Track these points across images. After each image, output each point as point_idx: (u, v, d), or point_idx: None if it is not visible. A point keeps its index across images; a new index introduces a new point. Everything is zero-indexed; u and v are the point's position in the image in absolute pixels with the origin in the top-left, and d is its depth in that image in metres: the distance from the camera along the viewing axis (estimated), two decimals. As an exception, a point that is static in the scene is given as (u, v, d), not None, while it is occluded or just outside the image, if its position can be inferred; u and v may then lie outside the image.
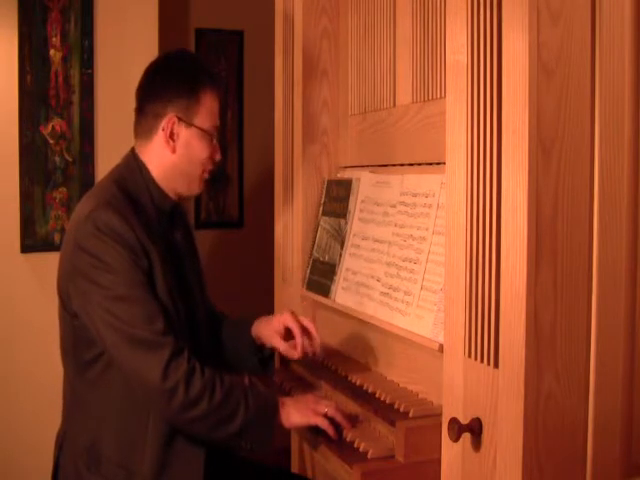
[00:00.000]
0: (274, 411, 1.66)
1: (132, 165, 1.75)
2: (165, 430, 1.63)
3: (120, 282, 1.57)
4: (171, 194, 1.77)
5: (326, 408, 1.69)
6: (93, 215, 1.59)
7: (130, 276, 1.57)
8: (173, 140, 1.72)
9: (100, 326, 1.57)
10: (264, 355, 1.94)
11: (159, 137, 1.73)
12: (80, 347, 1.65)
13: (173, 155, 1.73)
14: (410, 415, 1.60)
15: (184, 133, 1.72)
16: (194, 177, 1.76)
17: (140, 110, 1.76)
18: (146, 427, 1.63)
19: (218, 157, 1.80)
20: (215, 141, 1.78)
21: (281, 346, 1.86)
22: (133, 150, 1.78)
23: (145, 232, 1.63)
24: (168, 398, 1.54)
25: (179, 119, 1.71)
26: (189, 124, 1.72)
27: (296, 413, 1.67)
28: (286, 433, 2.03)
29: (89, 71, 2.84)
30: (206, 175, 1.79)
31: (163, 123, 1.71)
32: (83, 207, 1.66)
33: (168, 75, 1.75)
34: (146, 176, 1.74)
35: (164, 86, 1.73)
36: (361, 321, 1.97)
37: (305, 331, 1.84)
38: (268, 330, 1.89)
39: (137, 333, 1.55)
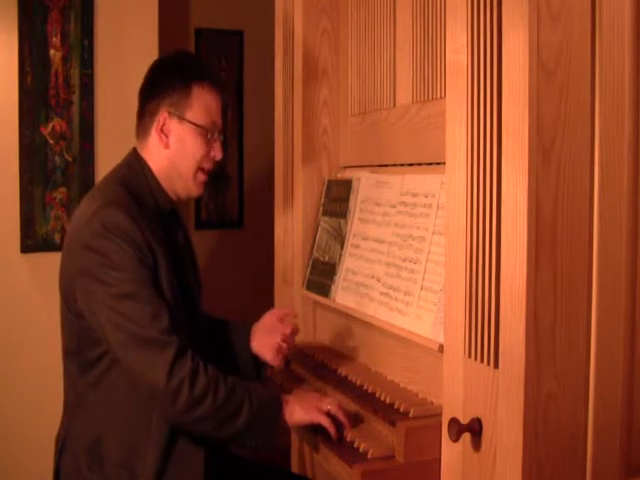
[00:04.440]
0: (278, 408, 1.65)
1: (134, 164, 1.75)
2: (167, 430, 1.63)
3: (126, 280, 1.56)
4: (171, 194, 1.77)
5: (329, 406, 1.69)
6: (99, 214, 1.59)
7: (136, 274, 1.57)
8: (165, 135, 1.72)
9: (105, 324, 1.56)
10: (259, 363, 1.95)
11: (154, 134, 1.73)
12: (84, 347, 1.65)
13: (167, 151, 1.73)
14: (410, 415, 1.60)
15: (176, 127, 1.72)
16: (189, 175, 1.74)
17: (140, 111, 1.77)
18: (148, 427, 1.63)
19: (219, 156, 1.77)
20: (214, 139, 1.75)
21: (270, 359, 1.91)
22: (135, 149, 1.78)
23: (150, 231, 1.63)
24: (173, 398, 1.54)
25: (170, 113, 1.71)
26: (181, 118, 1.71)
27: (299, 410, 1.67)
28: (288, 433, 2.03)
29: (89, 71, 2.84)
30: (204, 175, 1.76)
31: (156, 119, 1.72)
32: (87, 207, 1.65)
33: (162, 73, 1.76)
34: (148, 175, 1.74)
35: (158, 84, 1.74)
36: (361, 321, 1.96)
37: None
38: (262, 346, 1.91)
39: (143, 332, 1.54)
